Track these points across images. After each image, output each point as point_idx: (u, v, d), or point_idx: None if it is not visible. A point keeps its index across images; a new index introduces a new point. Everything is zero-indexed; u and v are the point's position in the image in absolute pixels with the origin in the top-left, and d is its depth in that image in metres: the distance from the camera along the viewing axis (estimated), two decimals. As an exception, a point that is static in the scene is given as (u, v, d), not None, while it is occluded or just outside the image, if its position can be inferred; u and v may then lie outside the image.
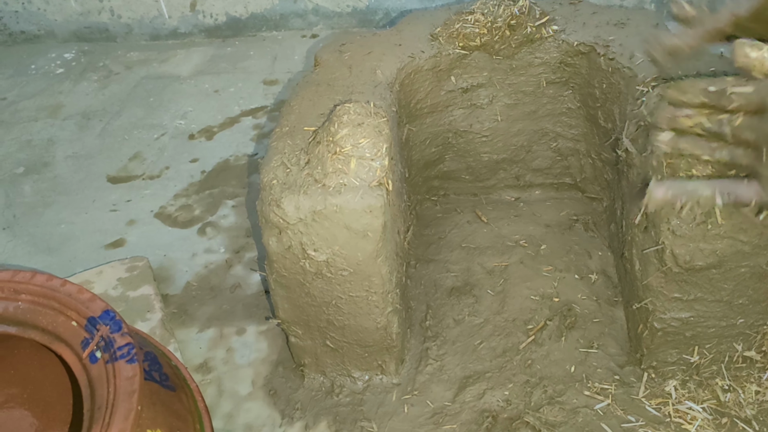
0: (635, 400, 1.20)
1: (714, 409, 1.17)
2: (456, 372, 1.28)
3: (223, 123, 2.09)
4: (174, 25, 2.60)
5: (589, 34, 1.43)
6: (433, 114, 1.54)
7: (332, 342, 1.23)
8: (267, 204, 1.11)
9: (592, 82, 1.44)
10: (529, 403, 1.21)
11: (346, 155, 1.09)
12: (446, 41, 1.47)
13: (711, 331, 1.15)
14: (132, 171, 1.92)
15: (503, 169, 1.65)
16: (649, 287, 1.14)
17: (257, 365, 1.32)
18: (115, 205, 1.79)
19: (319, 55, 1.48)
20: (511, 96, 1.54)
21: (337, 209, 1.07)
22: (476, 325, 1.36)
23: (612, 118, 1.40)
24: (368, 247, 1.10)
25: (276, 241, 1.12)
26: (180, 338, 1.38)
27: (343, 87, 1.35)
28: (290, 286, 1.16)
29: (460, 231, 1.59)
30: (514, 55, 1.48)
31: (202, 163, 1.93)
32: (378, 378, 1.28)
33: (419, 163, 1.59)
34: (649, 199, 0.79)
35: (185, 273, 1.54)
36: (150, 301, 1.39)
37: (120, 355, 0.84)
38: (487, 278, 1.46)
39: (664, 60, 0.81)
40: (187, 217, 1.72)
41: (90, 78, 2.41)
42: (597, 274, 1.45)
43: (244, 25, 2.58)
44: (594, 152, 1.55)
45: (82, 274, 1.49)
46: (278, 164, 1.15)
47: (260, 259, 1.54)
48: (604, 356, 1.28)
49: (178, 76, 2.37)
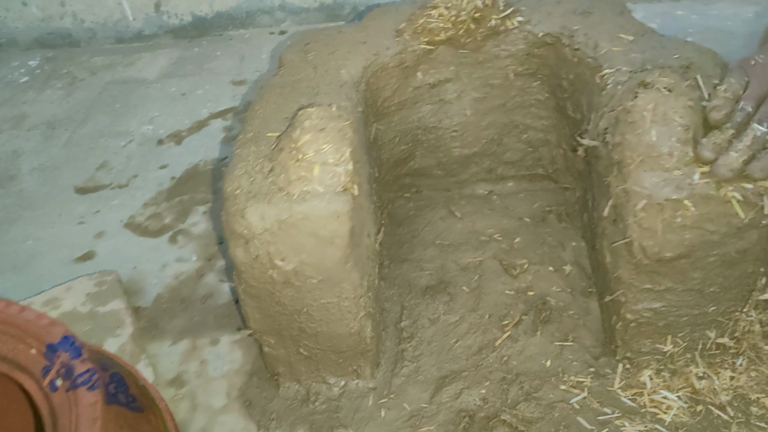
0: (611, 392, 1.20)
1: (689, 396, 1.17)
2: (432, 372, 1.27)
3: (192, 127, 2.06)
4: (138, 27, 2.55)
5: (554, 24, 1.42)
6: (401, 111, 1.53)
7: (306, 349, 1.22)
8: (231, 215, 1.09)
9: (560, 72, 1.43)
10: (506, 400, 1.21)
11: (309, 162, 1.07)
12: (411, 37, 1.45)
13: (683, 320, 1.15)
14: (99, 181, 1.88)
15: (475, 163, 1.64)
16: (620, 279, 1.14)
17: (231, 376, 1.30)
18: (83, 218, 1.76)
19: (284, 55, 1.46)
20: (479, 89, 1.53)
21: (302, 217, 1.05)
22: (451, 324, 1.36)
23: (581, 108, 1.39)
24: (336, 253, 1.08)
25: (242, 251, 1.10)
26: (152, 352, 1.36)
27: (308, 88, 1.33)
28: (260, 296, 1.15)
29: (433, 228, 1.58)
30: (480, 48, 1.47)
31: (171, 169, 1.89)
32: (354, 383, 1.27)
33: (389, 161, 1.57)
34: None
35: (156, 285, 1.52)
36: (120, 316, 1.36)
37: (81, 382, 0.82)
38: (462, 275, 1.45)
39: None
40: (157, 226, 1.69)
41: (54, 86, 2.37)
42: (571, 265, 1.44)
43: (210, 25, 2.54)
44: (565, 143, 1.54)
45: (50, 291, 1.46)
46: (242, 173, 1.13)
47: (229, 269, 1.52)
48: (579, 348, 1.28)
49: (144, 79, 2.33)
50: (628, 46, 1.26)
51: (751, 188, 0.96)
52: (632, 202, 1.03)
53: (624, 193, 1.05)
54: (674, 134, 0.98)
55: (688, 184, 0.98)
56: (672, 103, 0.99)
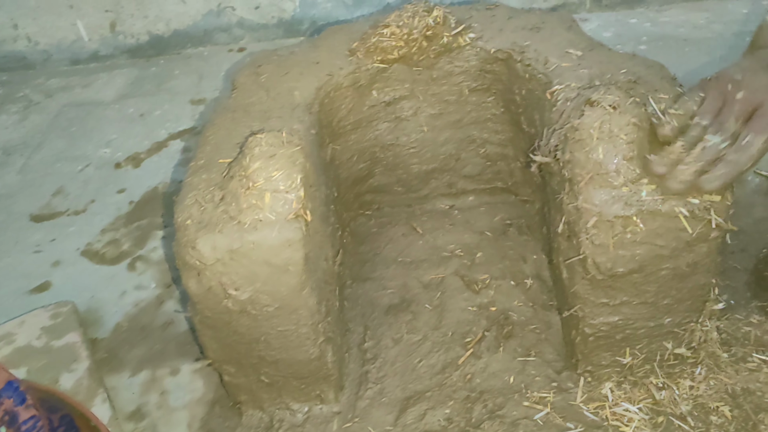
0: (573, 406, 1.20)
1: (650, 408, 1.18)
2: (396, 394, 1.26)
3: (150, 148, 2.03)
4: (94, 48, 2.51)
5: (505, 40, 1.43)
6: (357, 130, 1.52)
7: (267, 377, 1.20)
8: (182, 246, 1.07)
9: (512, 88, 1.43)
10: (470, 419, 1.21)
11: (259, 189, 1.06)
12: (364, 56, 1.45)
13: (641, 332, 1.16)
14: (55, 207, 1.84)
15: (435, 179, 1.64)
16: (577, 294, 1.14)
17: (193, 407, 1.28)
18: (38, 246, 1.72)
19: (236, 78, 1.44)
20: (435, 106, 1.53)
21: (254, 246, 1.04)
22: (415, 343, 1.35)
23: (534, 123, 1.40)
24: (291, 281, 1.07)
25: (195, 282, 1.08)
26: (111, 385, 1.33)
27: (260, 112, 1.31)
28: (216, 326, 1.13)
29: (395, 245, 1.58)
30: (434, 65, 1.47)
31: (129, 193, 1.86)
32: (318, 408, 1.26)
33: (348, 180, 1.57)
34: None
35: (114, 314, 1.49)
36: (75, 350, 1.33)
37: (25, 429, 0.79)
38: (424, 293, 1.45)
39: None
40: (114, 253, 1.66)
41: (9, 110, 2.32)
42: (532, 278, 1.45)
43: (167, 44, 2.51)
44: (522, 156, 1.55)
45: (3, 326, 1.42)
46: (192, 202, 1.11)
47: (185, 298, 1.50)
48: (541, 363, 1.28)
49: (101, 101, 2.29)
50: (577, 62, 1.27)
51: (697, 203, 0.97)
52: (584, 218, 1.04)
53: (575, 210, 1.06)
54: (620, 151, 0.99)
55: (636, 201, 0.99)
56: (617, 120, 1.00)
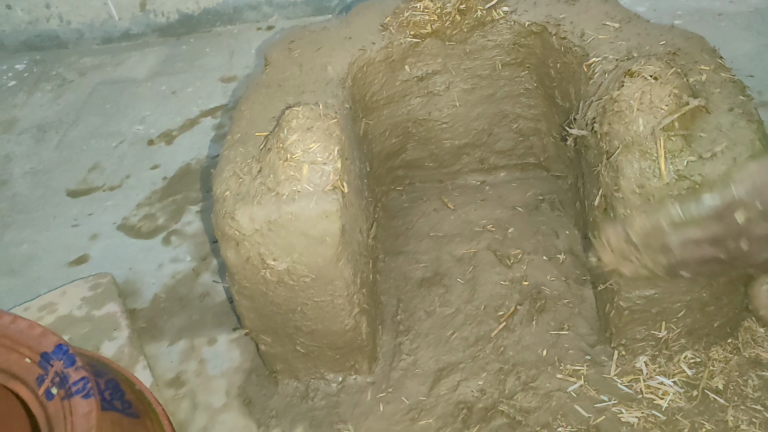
0: (607, 379, 1.21)
1: (685, 381, 1.18)
2: (430, 365, 1.28)
3: (183, 125, 2.05)
4: (125, 27, 2.53)
5: (540, 13, 1.41)
6: (390, 105, 1.52)
7: (302, 347, 1.22)
8: (221, 217, 1.09)
9: (547, 61, 1.42)
10: (504, 391, 1.22)
11: (297, 161, 1.07)
12: (397, 30, 1.45)
13: (676, 306, 1.16)
14: (92, 183, 1.88)
15: (466, 154, 1.64)
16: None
17: (230, 375, 1.31)
18: (76, 220, 1.76)
19: (269, 54, 1.45)
20: (468, 81, 1.52)
21: (292, 217, 1.05)
22: (447, 316, 1.36)
23: (569, 97, 1.39)
24: (328, 252, 1.08)
25: (234, 253, 1.10)
26: (150, 353, 1.36)
27: (294, 87, 1.32)
28: (253, 296, 1.15)
29: (427, 220, 1.58)
30: (467, 39, 1.46)
31: (163, 169, 1.89)
32: (352, 378, 1.27)
33: (381, 154, 1.57)
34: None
35: (152, 285, 1.52)
36: (116, 319, 1.37)
37: (75, 390, 0.82)
38: (457, 266, 1.46)
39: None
40: (150, 227, 1.69)
41: (44, 88, 2.36)
42: (565, 253, 1.45)
43: (198, 22, 2.52)
44: (555, 131, 1.54)
45: (45, 296, 1.46)
46: (230, 174, 1.13)
47: (222, 269, 1.52)
48: (575, 337, 1.29)
49: (134, 79, 2.32)
50: (614, 34, 1.25)
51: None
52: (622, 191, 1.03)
53: (614, 182, 1.05)
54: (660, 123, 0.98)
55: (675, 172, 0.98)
56: (658, 91, 0.99)
